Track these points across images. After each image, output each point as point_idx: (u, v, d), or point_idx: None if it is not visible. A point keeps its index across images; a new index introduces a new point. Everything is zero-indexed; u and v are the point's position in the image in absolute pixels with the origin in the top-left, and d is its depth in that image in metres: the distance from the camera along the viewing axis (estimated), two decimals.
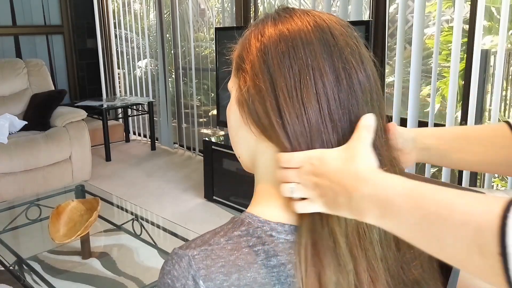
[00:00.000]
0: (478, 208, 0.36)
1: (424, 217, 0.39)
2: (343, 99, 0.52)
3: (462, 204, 0.37)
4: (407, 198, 0.41)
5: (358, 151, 0.49)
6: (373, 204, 0.44)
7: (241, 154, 0.62)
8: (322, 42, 0.53)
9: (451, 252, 0.38)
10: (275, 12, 0.58)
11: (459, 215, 0.37)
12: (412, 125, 2.63)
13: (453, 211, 0.37)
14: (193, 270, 0.50)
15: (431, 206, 0.39)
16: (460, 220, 0.36)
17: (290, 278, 0.52)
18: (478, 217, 0.35)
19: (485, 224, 0.34)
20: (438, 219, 0.38)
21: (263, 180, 0.58)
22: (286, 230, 0.54)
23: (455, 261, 0.38)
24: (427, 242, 0.40)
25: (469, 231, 0.36)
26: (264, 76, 0.53)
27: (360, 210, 0.46)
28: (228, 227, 0.55)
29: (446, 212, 0.38)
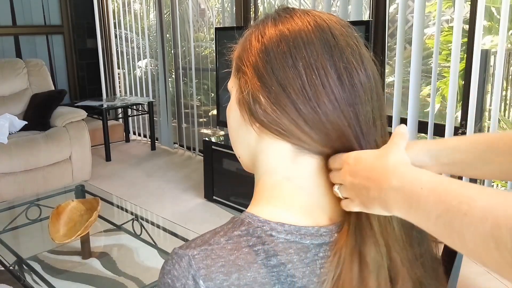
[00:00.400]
0: (497, 204, 0.37)
1: (446, 211, 0.40)
2: (347, 98, 0.53)
3: (483, 200, 0.38)
4: (431, 192, 0.42)
5: (391, 149, 0.50)
6: (401, 196, 0.45)
7: (241, 154, 0.62)
8: (323, 42, 0.53)
9: (471, 247, 0.38)
10: (275, 12, 0.58)
11: (479, 211, 0.37)
12: (412, 125, 2.63)
13: (473, 206, 0.38)
14: (193, 270, 0.50)
15: (452, 200, 0.40)
16: (479, 215, 0.37)
17: (290, 278, 0.52)
18: (496, 213, 0.36)
19: (503, 221, 0.35)
20: (459, 214, 0.39)
21: (264, 180, 0.58)
22: (286, 230, 0.54)
23: (475, 256, 0.39)
24: (450, 236, 0.41)
25: (487, 227, 0.36)
26: (270, 76, 0.53)
27: (388, 202, 0.47)
28: (228, 227, 0.55)
29: (466, 207, 0.38)
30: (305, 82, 0.52)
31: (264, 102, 0.54)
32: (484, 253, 0.37)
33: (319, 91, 0.52)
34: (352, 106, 0.53)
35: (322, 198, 0.57)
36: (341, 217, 0.57)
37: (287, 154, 0.56)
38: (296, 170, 0.56)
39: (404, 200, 0.45)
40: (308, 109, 0.52)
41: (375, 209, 0.49)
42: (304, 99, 0.52)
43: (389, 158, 0.49)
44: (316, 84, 0.52)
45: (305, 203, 0.56)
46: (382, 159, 0.49)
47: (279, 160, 0.57)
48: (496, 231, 0.36)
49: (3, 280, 2.06)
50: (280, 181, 0.57)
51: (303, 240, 0.54)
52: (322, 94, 0.52)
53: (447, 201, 0.40)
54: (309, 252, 0.54)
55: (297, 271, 0.53)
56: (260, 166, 0.59)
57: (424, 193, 0.43)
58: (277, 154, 0.57)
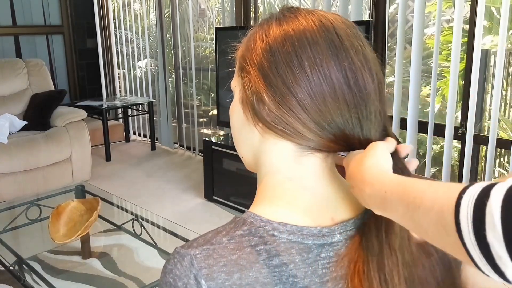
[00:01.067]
0: (442, 193, 0.41)
1: (407, 207, 0.44)
2: (352, 99, 0.53)
3: (431, 192, 0.42)
4: (393, 194, 0.46)
5: (367, 153, 0.53)
6: (374, 201, 0.49)
7: (244, 154, 0.62)
8: (328, 42, 0.53)
9: (431, 235, 0.43)
10: (280, 12, 0.58)
11: (428, 202, 0.42)
12: (412, 125, 2.63)
13: (424, 198, 0.42)
14: (195, 269, 0.50)
15: (409, 197, 0.44)
16: (428, 206, 0.41)
17: (292, 278, 0.52)
18: (440, 201, 0.40)
19: (445, 208, 0.39)
20: (415, 207, 0.43)
21: (267, 180, 0.58)
22: (288, 230, 0.54)
23: (437, 243, 0.43)
24: (416, 228, 0.45)
25: (434, 215, 0.41)
26: (275, 76, 0.53)
27: (371, 206, 0.51)
28: (230, 227, 0.55)
29: (419, 201, 0.43)
30: (311, 81, 0.52)
31: (269, 102, 0.54)
32: (440, 239, 0.41)
33: (325, 91, 0.52)
34: (356, 107, 0.53)
35: (325, 198, 0.57)
36: (343, 218, 0.57)
37: (290, 154, 0.56)
38: (299, 170, 0.56)
39: (378, 204, 0.49)
40: (314, 109, 0.52)
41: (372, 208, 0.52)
42: (310, 98, 0.52)
43: (364, 164, 0.52)
44: (322, 84, 0.52)
45: (307, 203, 0.56)
46: (360, 165, 0.52)
47: (282, 160, 0.57)
48: (441, 218, 0.40)
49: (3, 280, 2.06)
50: (283, 181, 0.57)
51: (305, 240, 0.54)
52: (328, 94, 0.52)
53: (404, 198, 0.45)
54: (311, 252, 0.54)
55: (299, 271, 0.53)
56: (263, 166, 0.59)
57: (388, 195, 0.47)
58: (280, 154, 0.57)
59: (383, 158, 0.52)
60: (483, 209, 0.36)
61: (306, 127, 0.53)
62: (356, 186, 0.52)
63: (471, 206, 0.37)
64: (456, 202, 0.38)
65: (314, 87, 0.52)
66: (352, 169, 0.53)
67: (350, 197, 0.59)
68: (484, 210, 0.36)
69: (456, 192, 0.39)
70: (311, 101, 0.52)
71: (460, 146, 2.58)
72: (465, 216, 0.37)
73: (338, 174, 0.59)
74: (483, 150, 2.76)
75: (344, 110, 0.53)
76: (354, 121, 0.54)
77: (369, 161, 0.52)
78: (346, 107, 0.53)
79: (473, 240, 0.37)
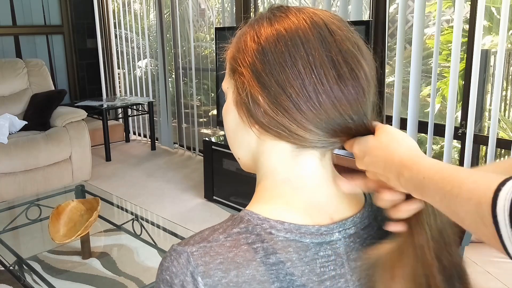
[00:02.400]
0: (480, 185, 0.42)
1: (444, 196, 0.45)
2: (347, 93, 0.53)
3: (470, 182, 0.43)
4: (431, 181, 0.47)
5: (391, 137, 0.53)
6: (412, 186, 0.50)
7: (240, 155, 0.62)
8: (321, 39, 0.53)
9: (467, 224, 0.44)
10: (270, 11, 0.57)
11: (465, 193, 0.42)
12: (412, 125, 2.63)
13: (462, 189, 0.43)
14: (192, 267, 0.50)
15: (447, 186, 0.45)
16: (466, 196, 0.42)
17: (289, 276, 0.52)
18: (478, 193, 0.41)
19: (484, 199, 0.40)
20: (452, 197, 0.44)
21: (265, 180, 0.58)
22: (285, 228, 0.54)
23: (472, 231, 0.44)
24: (452, 215, 0.46)
25: (472, 206, 0.41)
26: (269, 77, 0.53)
27: (407, 189, 0.51)
28: (227, 224, 0.55)
29: (457, 190, 0.43)
30: (305, 81, 0.52)
31: (264, 103, 0.53)
32: (477, 228, 0.42)
33: (319, 90, 0.52)
34: (354, 100, 0.53)
35: (323, 196, 0.57)
36: (342, 217, 0.57)
37: (288, 155, 0.56)
38: (297, 170, 0.56)
39: (415, 189, 0.49)
40: (310, 108, 0.52)
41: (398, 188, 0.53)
42: (305, 98, 0.52)
43: (396, 150, 0.52)
44: (316, 83, 0.52)
45: (305, 202, 0.56)
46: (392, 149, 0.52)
47: (280, 160, 0.57)
48: (479, 209, 0.41)
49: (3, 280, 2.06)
50: (281, 181, 0.57)
51: (303, 238, 0.54)
52: (323, 92, 0.52)
53: (443, 187, 0.45)
54: (308, 250, 0.54)
55: (296, 269, 0.53)
56: (261, 167, 0.59)
57: (426, 181, 0.47)
58: (278, 155, 0.57)
59: (410, 140, 0.53)
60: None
61: (302, 127, 0.53)
62: (393, 171, 0.51)
63: (509, 199, 0.38)
64: (494, 195, 0.39)
65: (308, 87, 0.52)
66: (384, 155, 0.52)
67: (348, 195, 0.59)
68: None
69: (494, 184, 0.40)
70: (306, 101, 0.52)
71: (460, 146, 2.58)
72: (502, 209, 0.38)
73: (337, 173, 0.59)
74: (483, 150, 2.77)
75: (341, 106, 0.52)
76: (356, 115, 0.53)
77: (401, 146, 0.52)
78: (341, 102, 0.52)
79: (509, 233, 0.38)
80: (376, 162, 0.53)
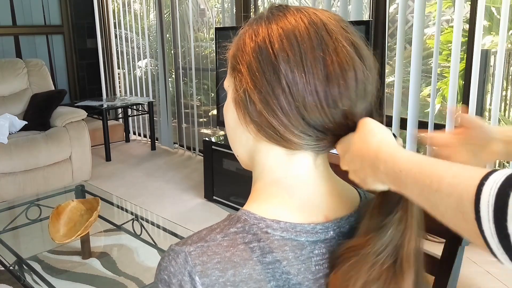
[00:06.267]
0: (461, 179, 0.40)
1: (422, 190, 0.43)
2: (335, 95, 0.52)
3: (450, 176, 0.41)
4: (408, 174, 0.45)
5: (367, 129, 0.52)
6: (388, 179, 0.48)
7: (239, 153, 0.62)
8: (318, 40, 0.53)
9: (448, 219, 0.42)
10: (269, 10, 0.58)
11: (446, 187, 0.41)
12: (412, 125, 2.63)
13: (441, 183, 0.41)
14: (189, 266, 0.50)
15: (426, 179, 0.43)
16: (446, 191, 0.41)
17: (285, 275, 0.52)
18: (459, 188, 0.40)
19: (465, 194, 0.39)
20: (431, 191, 0.42)
21: (261, 179, 0.59)
22: (281, 227, 0.54)
23: (452, 227, 0.42)
24: (432, 210, 0.44)
25: (453, 201, 0.40)
26: (261, 76, 0.53)
27: (383, 181, 0.50)
28: (224, 224, 0.55)
29: (436, 185, 0.42)
30: (294, 81, 0.52)
31: (258, 103, 0.54)
32: (457, 223, 0.41)
33: (307, 90, 0.52)
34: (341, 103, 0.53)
35: (318, 196, 0.57)
36: (337, 215, 0.57)
37: (283, 154, 0.57)
38: (292, 169, 0.57)
39: (392, 182, 0.48)
40: (294, 111, 0.52)
41: (376, 186, 0.51)
42: (290, 100, 0.52)
43: (371, 141, 0.50)
44: (304, 83, 0.52)
45: (301, 200, 0.56)
46: (367, 143, 0.51)
47: (276, 159, 0.57)
48: (460, 205, 0.39)
49: (3, 280, 2.06)
50: (277, 180, 0.57)
51: (299, 237, 0.54)
52: (309, 93, 0.52)
53: (421, 180, 0.43)
54: (304, 249, 0.54)
55: (292, 268, 0.53)
56: (257, 165, 0.60)
57: (402, 174, 0.46)
58: (273, 154, 0.57)
59: (386, 132, 0.52)
60: (506, 200, 0.36)
61: (289, 130, 0.53)
62: (369, 165, 0.50)
63: (493, 195, 0.37)
64: (477, 189, 0.38)
65: (296, 87, 0.52)
66: (359, 149, 0.51)
67: (344, 194, 0.59)
68: (507, 201, 0.36)
69: (477, 178, 0.38)
70: (291, 103, 0.52)
71: None
72: (485, 204, 0.37)
73: (332, 172, 0.60)
74: None
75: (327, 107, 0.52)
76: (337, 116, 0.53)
77: (375, 138, 0.50)
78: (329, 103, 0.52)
79: (492, 229, 0.37)
80: (354, 158, 0.52)
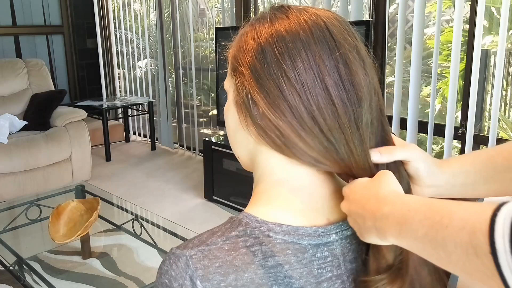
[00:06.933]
0: (473, 213, 0.39)
1: (431, 227, 0.42)
2: (344, 99, 0.52)
3: (461, 211, 0.40)
4: (417, 212, 0.44)
5: (383, 178, 0.52)
6: (391, 222, 0.46)
7: (240, 154, 0.62)
8: (321, 41, 0.52)
9: (454, 259, 0.40)
10: (271, 11, 0.57)
11: (457, 221, 0.39)
12: (412, 125, 2.63)
13: (453, 218, 0.40)
14: (191, 270, 0.50)
15: (435, 216, 0.42)
16: (458, 226, 0.39)
17: (287, 279, 0.52)
18: (472, 221, 0.38)
19: (478, 226, 0.37)
20: (441, 227, 0.41)
21: (262, 181, 0.58)
22: (283, 231, 0.53)
23: (460, 268, 0.40)
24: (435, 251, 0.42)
25: (465, 235, 0.38)
26: (268, 78, 0.52)
27: (382, 229, 0.48)
28: (225, 227, 0.54)
29: (447, 220, 0.40)
30: (304, 84, 0.51)
31: (262, 105, 0.53)
32: (467, 262, 0.38)
33: (318, 95, 0.51)
34: (350, 108, 0.52)
35: (320, 199, 0.56)
36: (339, 218, 0.57)
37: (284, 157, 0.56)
38: (294, 171, 0.56)
39: (395, 224, 0.46)
40: (305, 113, 0.52)
41: (370, 238, 0.50)
42: (301, 101, 0.51)
43: (381, 188, 0.50)
44: (315, 86, 0.51)
45: (302, 203, 0.56)
46: (376, 190, 0.50)
47: (277, 161, 0.56)
48: (473, 238, 0.37)
49: (3, 280, 2.06)
50: (278, 182, 0.56)
51: (301, 240, 0.53)
52: (320, 98, 0.51)
53: (430, 217, 0.42)
54: (306, 252, 0.53)
55: (295, 272, 0.52)
56: (258, 167, 0.59)
57: (411, 214, 0.44)
58: (275, 156, 0.56)
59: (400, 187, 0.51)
60: None
61: (297, 134, 0.52)
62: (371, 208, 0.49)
63: (508, 224, 0.35)
64: (490, 220, 0.36)
65: (307, 90, 0.51)
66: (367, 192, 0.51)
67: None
68: None
69: (489, 210, 0.37)
70: (302, 105, 0.51)
71: (460, 146, 2.58)
72: (501, 234, 0.35)
73: (334, 174, 0.59)
74: None
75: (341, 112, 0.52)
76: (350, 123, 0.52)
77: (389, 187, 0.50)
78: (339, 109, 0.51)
79: (509, 260, 0.34)
80: (359, 200, 0.51)
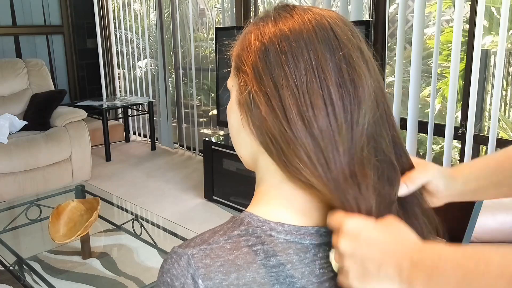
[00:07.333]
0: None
1: (465, 275, 0.40)
2: (346, 102, 0.51)
3: (498, 258, 0.38)
4: (449, 259, 0.42)
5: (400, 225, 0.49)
6: (420, 269, 0.44)
7: (243, 154, 0.61)
8: (325, 41, 0.52)
9: None
10: (275, 10, 0.56)
11: (495, 269, 0.38)
12: (412, 125, 2.63)
13: (490, 265, 0.38)
14: (192, 269, 0.50)
15: (470, 263, 0.40)
16: (496, 273, 0.37)
17: (289, 278, 0.52)
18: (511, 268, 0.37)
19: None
20: (477, 275, 0.39)
21: (264, 181, 0.58)
22: (285, 230, 0.53)
23: None
24: None
25: (504, 283, 0.36)
26: (268, 78, 0.52)
27: (409, 278, 0.45)
28: (227, 226, 0.54)
29: (483, 267, 0.39)
30: (304, 86, 0.50)
31: (263, 106, 0.52)
32: None
33: (319, 97, 0.50)
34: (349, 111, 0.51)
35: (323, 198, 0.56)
36: None
37: None
38: None
39: (424, 273, 0.43)
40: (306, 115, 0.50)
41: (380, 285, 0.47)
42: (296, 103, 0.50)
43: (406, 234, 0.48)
44: (315, 88, 0.50)
45: (304, 203, 0.55)
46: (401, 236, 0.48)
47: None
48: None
49: (3, 280, 2.06)
50: (280, 182, 0.56)
51: (303, 240, 0.53)
52: (320, 100, 0.50)
53: (465, 264, 0.40)
54: (308, 252, 0.53)
55: (297, 271, 0.52)
56: (260, 168, 0.58)
57: (442, 263, 0.42)
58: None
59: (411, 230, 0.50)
60: None
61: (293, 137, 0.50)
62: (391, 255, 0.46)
63: None
64: None
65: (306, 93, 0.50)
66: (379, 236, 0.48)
67: None
68: None
69: None
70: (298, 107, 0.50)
71: (460, 146, 2.58)
72: None
73: None
74: (483, 150, 2.76)
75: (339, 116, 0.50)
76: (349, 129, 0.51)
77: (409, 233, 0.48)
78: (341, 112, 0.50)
79: None
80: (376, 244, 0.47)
